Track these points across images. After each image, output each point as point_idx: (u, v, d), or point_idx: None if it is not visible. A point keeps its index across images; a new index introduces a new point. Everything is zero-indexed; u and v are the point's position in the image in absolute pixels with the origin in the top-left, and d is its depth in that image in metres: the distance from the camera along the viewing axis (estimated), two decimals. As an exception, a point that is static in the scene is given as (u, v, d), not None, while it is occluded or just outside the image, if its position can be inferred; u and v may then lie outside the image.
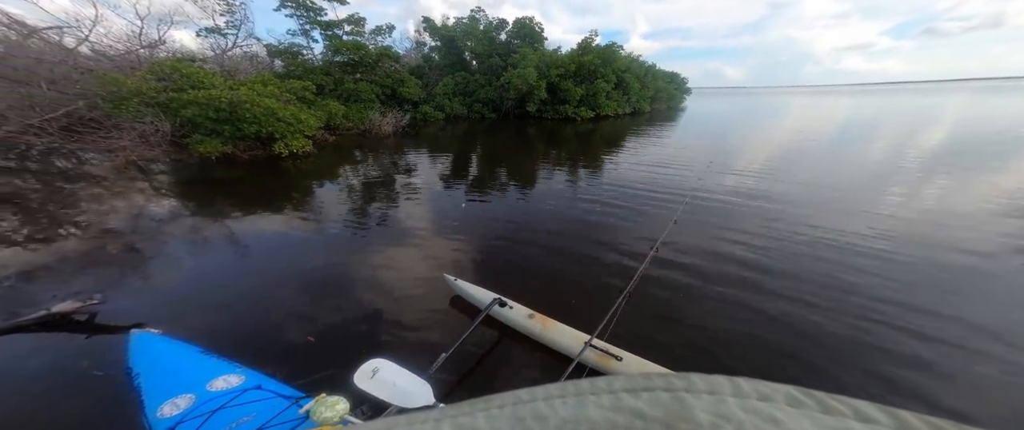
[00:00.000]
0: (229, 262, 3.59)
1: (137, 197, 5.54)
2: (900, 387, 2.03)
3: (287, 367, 2.07)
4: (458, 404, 0.23)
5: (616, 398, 0.20)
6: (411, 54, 21.58)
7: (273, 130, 8.03)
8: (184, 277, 3.24)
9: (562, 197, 5.55)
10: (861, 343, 2.33)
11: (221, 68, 11.35)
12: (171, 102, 7.76)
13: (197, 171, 7.11)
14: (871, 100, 33.20)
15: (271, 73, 12.40)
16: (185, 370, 1.61)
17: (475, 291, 2.50)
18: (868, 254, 3.46)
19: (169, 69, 8.30)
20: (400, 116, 13.51)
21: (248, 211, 5.00)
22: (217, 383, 1.49)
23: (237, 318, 2.62)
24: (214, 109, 7.59)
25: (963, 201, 5.02)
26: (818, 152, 8.79)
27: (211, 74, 8.97)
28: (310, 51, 15.59)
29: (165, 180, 6.59)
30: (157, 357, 1.70)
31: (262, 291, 2.96)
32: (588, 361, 1.98)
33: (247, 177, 6.85)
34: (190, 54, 11.50)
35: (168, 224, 4.52)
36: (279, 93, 9.10)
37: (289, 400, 1.38)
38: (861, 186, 5.84)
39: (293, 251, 3.76)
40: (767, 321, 2.53)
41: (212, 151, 7.56)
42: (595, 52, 19.45)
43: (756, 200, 5.11)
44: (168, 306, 2.78)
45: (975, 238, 3.80)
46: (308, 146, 8.62)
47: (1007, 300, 2.74)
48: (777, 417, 0.18)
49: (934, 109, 18.94)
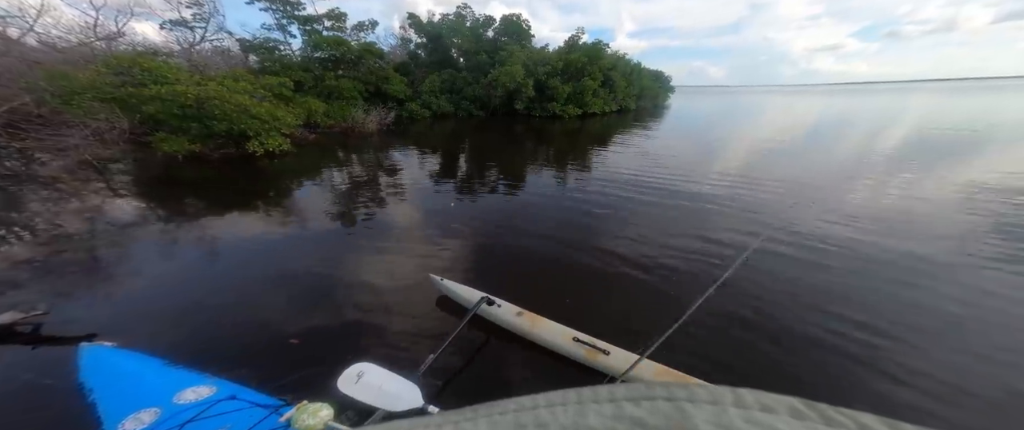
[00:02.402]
0: (198, 267, 3.32)
1: (93, 199, 5.09)
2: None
3: (264, 375, 1.93)
4: (461, 409, 0.23)
5: (617, 407, 0.20)
6: (396, 51, 21.07)
7: (246, 128, 7.55)
8: (146, 284, 2.98)
9: (551, 194, 5.44)
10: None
11: (189, 63, 10.64)
12: (131, 98, 7.18)
13: (162, 171, 6.63)
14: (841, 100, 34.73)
15: (245, 69, 11.73)
16: (147, 383, 1.49)
17: (462, 290, 2.44)
18: (821, 237, 3.54)
19: (128, 63, 7.69)
20: (385, 114, 13.10)
21: (219, 213, 4.67)
22: (185, 395, 1.39)
23: (208, 326, 2.43)
24: (179, 105, 7.07)
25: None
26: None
27: (176, 69, 8.38)
28: (288, 47, 14.91)
29: (125, 181, 6.11)
30: (113, 371, 1.58)
31: (235, 297, 2.77)
32: (577, 356, 1.98)
33: (218, 177, 6.43)
34: (153, 48, 10.72)
35: (128, 228, 4.17)
36: (253, 89, 8.60)
37: (268, 409, 1.31)
38: (832, 180, 6.00)
39: (270, 254, 3.53)
40: (765, 311, 2.49)
41: (178, 149, 7.03)
42: (582, 50, 19.50)
43: (735, 201, 4.96)
44: (127, 316, 2.56)
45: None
46: (285, 144, 8.17)
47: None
48: (779, 428, 0.18)
49: (900, 110, 19.94)
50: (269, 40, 14.27)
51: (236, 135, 7.56)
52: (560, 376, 2.01)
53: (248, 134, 7.60)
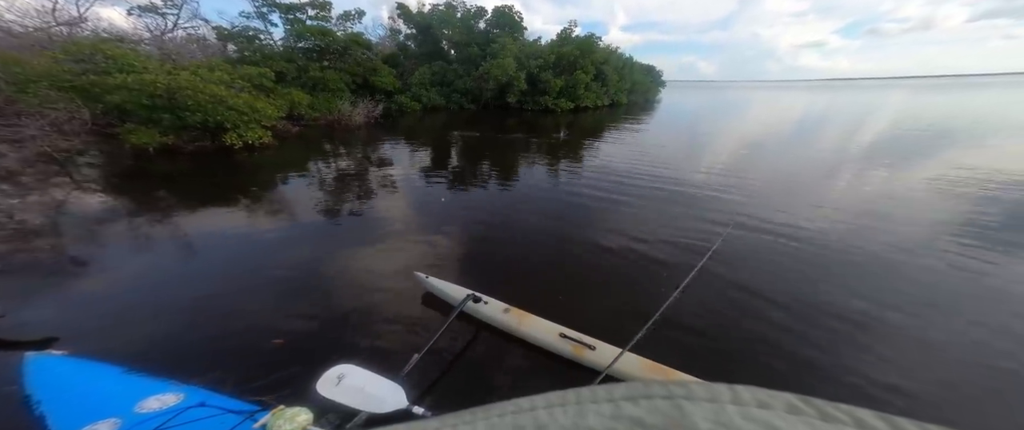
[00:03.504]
0: (170, 267, 3.09)
1: (55, 194, 4.72)
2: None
3: (238, 380, 1.84)
4: (459, 412, 0.23)
5: (616, 406, 0.20)
6: (385, 42, 20.44)
7: (223, 119, 7.12)
8: (112, 286, 2.78)
9: (542, 190, 5.32)
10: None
11: (160, 51, 10.00)
12: (93, 86, 6.66)
13: (130, 164, 6.20)
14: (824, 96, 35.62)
15: (223, 59, 11.13)
16: (105, 392, 1.40)
17: (448, 288, 2.39)
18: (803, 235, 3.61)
19: (89, 49, 7.13)
20: (373, 106, 12.67)
21: (194, 209, 4.38)
22: (148, 404, 1.32)
23: (177, 330, 2.28)
24: (148, 95, 6.60)
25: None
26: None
27: (144, 57, 7.85)
28: (268, 36, 14.24)
29: (91, 174, 5.70)
30: (65, 381, 1.47)
31: (209, 298, 2.60)
32: (564, 352, 1.97)
33: (193, 171, 6.07)
34: (120, 34, 10.03)
35: (94, 225, 3.87)
36: (230, 79, 8.13)
37: (241, 415, 1.26)
38: (813, 175, 6.12)
39: (247, 252, 3.32)
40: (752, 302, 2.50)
41: (148, 141, 6.57)
42: (574, 43, 19.29)
43: (728, 192, 5.08)
44: (90, 320, 2.36)
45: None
46: (266, 137, 7.77)
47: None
48: (776, 424, 0.18)
49: (879, 107, 20.56)
50: (248, 28, 13.58)
51: (212, 127, 7.13)
52: (547, 373, 1.97)
53: (225, 126, 7.18)
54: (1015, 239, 3.51)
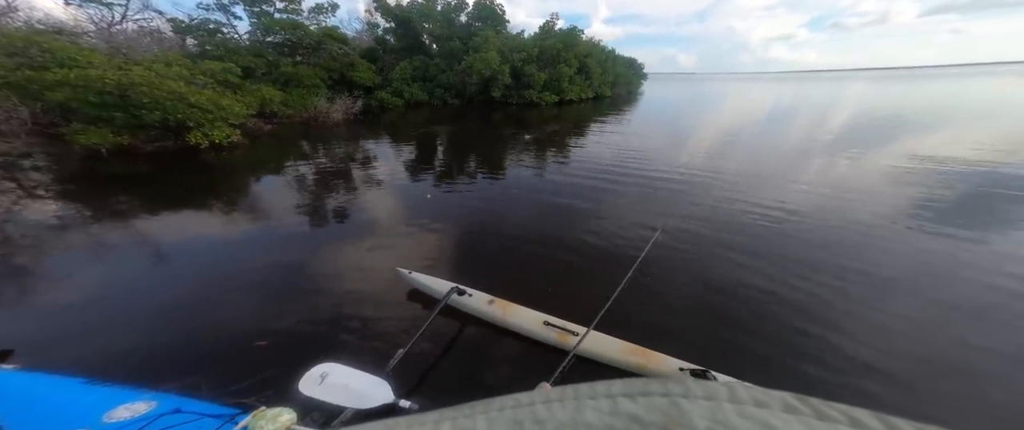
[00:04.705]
0: (132, 274, 2.85)
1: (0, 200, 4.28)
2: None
3: (213, 386, 1.77)
4: (458, 406, 0.23)
5: (614, 403, 0.21)
6: (362, 36, 19.64)
7: (185, 117, 6.57)
8: (66, 296, 2.59)
9: (526, 182, 5.26)
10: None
11: (108, 45, 9.13)
12: (30, 82, 5.98)
13: (82, 167, 5.65)
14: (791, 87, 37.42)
15: (181, 53, 10.30)
16: (67, 405, 1.31)
17: (432, 282, 2.38)
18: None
19: (22, 42, 6.39)
20: (352, 103, 12.14)
21: (157, 212, 4.05)
22: (118, 413, 1.23)
23: (143, 339, 2.13)
24: (95, 92, 5.99)
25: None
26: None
27: (88, 50, 7.12)
28: (232, 29, 13.32)
29: (39, 179, 5.17)
30: (21, 395, 1.37)
31: (178, 304, 2.46)
32: (549, 340, 2.00)
33: (154, 173, 5.60)
34: (58, 26, 9.06)
35: (44, 232, 3.54)
36: (190, 75, 7.53)
37: (220, 419, 1.20)
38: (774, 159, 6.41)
39: (219, 255, 3.11)
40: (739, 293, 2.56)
41: (100, 142, 5.98)
42: (557, 37, 19.20)
43: (721, 179, 5.25)
44: (41, 333, 2.19)
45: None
46: (235, 135, 7.26)
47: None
48: (772, 423, 0.18)
49: (838, 99, 21.78)
50: (208, 21, 12.65)
51: (174, 126, 6.58)
52: (532, 361, 1.97)
53: (188, 125, 6.64)
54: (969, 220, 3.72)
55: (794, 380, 1.90)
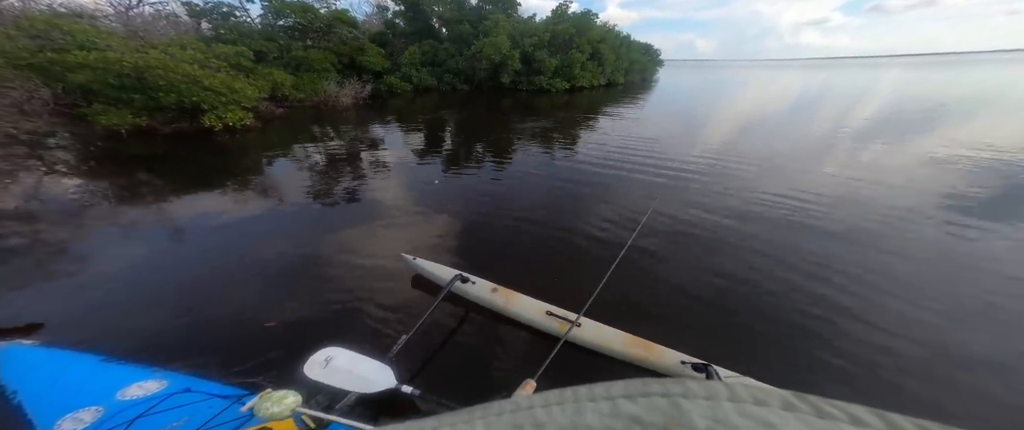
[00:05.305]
0: (149, 253, 2.94)
1: (26, 178, 4.49)
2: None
3: (221, 366, 1.80)
4: (456, 412, 0.23)
5: (614, 405, 0.21)
6: (372, 20, 19.38)
7: (199, 100, 6.69)
8: (86, 273, 2.68)
9: (534, 170, 5.14)
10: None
11: (126, 28, 9.29)
12: (52, 64, 6.16)
13: (104, 146, 5.85)
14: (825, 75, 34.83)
15: (196, 37, 10.40)
16: (85, 381, 1.37)
17: (436, 269, 2.36)
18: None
19: (44, 25, 6.55)
20: (361, 87, 12.10)
21: (173, 193, 4.18)
22: (131, 391, 1.29)
23: (157, 318, 2.19)
24: (115, 74, 6.13)
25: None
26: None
27: (106, 33, 7.26)
28: (245, 13, 13.34)
29: (62, 157, 5.40)
30: (40, 371, 1.42)
31: (191, 284, 2.51)
32: (551, 330, 1.98)
33: (171, 154, 5.76)
34: (78, 9, 9.25)
35: (69, 210, 3.68)
36: (204, 58, 7.61)
37: (228, 399, 1.23)
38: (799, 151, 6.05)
39: (231, 236, 3.18)
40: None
41: (120, 123, 6.18)
42: (570, 21, 18.48)
43: (730, 168, 5.07)
44: (61, 309, 2.27)
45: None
46: (248, 118, 7.37)
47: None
48: (772, 421, 0.18)
49: (880, 87, 20.29)
50: (222, 5, 12.69)
51: (189, 108, 6.71)
52: (534, 350, 1.95)
53: (203, 107, 6.76)
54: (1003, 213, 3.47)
55: (819, 372, 1.83)
